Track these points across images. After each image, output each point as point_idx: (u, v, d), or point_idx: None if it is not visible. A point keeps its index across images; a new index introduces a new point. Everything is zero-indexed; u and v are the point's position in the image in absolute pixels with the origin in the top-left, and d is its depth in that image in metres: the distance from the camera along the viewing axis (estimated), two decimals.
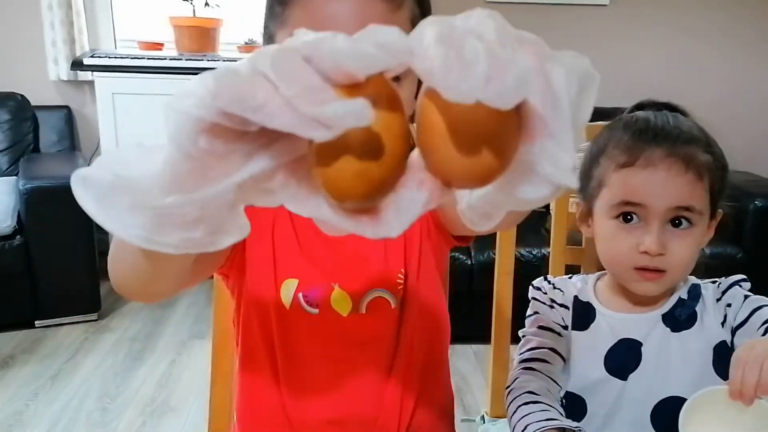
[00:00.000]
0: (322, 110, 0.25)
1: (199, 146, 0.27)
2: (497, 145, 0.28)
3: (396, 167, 0.29)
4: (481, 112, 0.26)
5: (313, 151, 0.28)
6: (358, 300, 0.61)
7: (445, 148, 0.28)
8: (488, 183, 0.29)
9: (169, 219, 0.28)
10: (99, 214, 0.28)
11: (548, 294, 0.73)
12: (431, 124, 0.28)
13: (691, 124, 0.67)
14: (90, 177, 0.29)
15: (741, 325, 0.65)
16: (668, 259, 0.64)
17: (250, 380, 0.64)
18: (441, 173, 0.29)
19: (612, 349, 0.67)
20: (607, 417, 0.67)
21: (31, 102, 2.38)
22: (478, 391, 1.70)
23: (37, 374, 1.79)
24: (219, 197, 0.28)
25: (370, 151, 0.27)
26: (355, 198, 0.28)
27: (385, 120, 0.28)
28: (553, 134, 0.27)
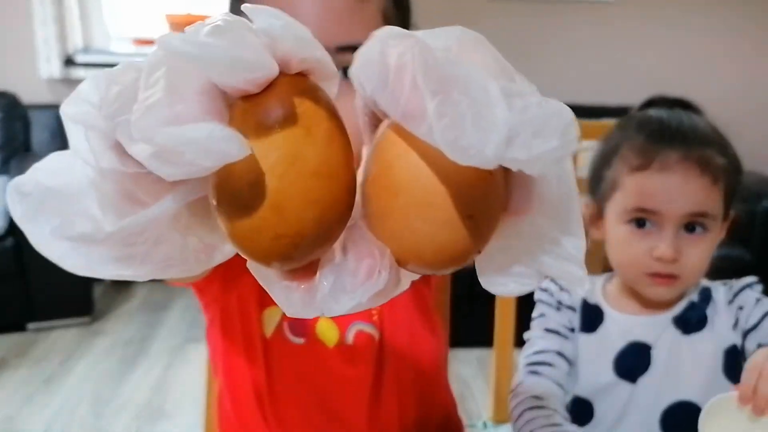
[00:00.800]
0: (150, 130, 0.19)
1: (105, 165, 0.21)
2: (483, 220, 0.21)
3: (332, 216, 0.21)
4: (472, 172, 0.20)
5: (213, 192, 0.21)
6: (344, 331, 0.59)
7: (415, 215, 0.21)
8: (458, 266, 0.22)
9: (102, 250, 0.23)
10: (27, 233, 0.24)
11: (555, 296, 0.71)
12: (406, 184, 0.21)
13: (706, 123, 0.66)
14: (20, 188, 0.24)
15: (753, 329, 0.64)
16: (682, 265, 0.63)
17: (235, 405, 0.62)
18: (405, 252, 0.22)
19: (622, 352, 0.66)
20: (615, 421, 0.66)
21: (23, 101, 2.35)
22: (481, 397, 1.69)
23: (30, 378, 1.77)
24: (147, 226, 0.22)
25: (283, 207, 0.20)
26: (276, 261, 0.21)
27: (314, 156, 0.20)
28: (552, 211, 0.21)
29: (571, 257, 0.22)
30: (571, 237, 0.22)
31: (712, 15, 2.51)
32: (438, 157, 0.20)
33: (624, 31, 2.50)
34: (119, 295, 2.34)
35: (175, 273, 0.25)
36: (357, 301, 0.22)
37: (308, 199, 0.20)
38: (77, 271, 0.24)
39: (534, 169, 0.19)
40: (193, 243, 0.25)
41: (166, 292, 2.34)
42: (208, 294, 0.60)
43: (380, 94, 0.20)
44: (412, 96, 0.19)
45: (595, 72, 2.50)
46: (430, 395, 0.66)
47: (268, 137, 0.20)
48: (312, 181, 0.20)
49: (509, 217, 0.22)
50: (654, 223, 0.63)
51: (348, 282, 0.22)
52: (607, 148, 0.68)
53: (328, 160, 0.20)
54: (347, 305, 0.22)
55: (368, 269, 0.21)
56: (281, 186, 0.20)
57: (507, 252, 0.23)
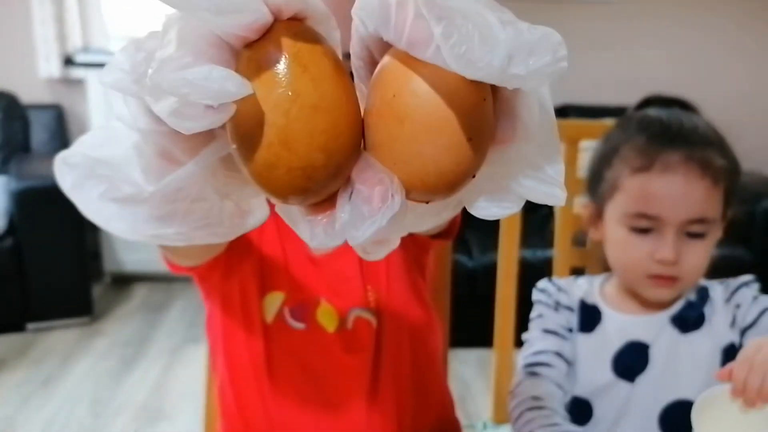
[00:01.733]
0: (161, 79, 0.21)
1: (143, 126, 0.24)
2: (479, 142, 0.23)
3: (339, 145, 0.22)
4: (471, 96, 0.22)
5: (231, 139, 0.23)
6: (344, 316, 0.60)
7: (421, 140, 0.22)
8: (457, 191, 0.24)
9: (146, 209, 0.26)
10: (76, 201, 0.27)
11: (553, 296, 0.71)
12: (411, 111, 0.22)
13: (706, 123, 0.67)
14: (69, 161, 0.27)
15: (750, 326, 0.64)
16: (682, 267, 0.63)
17: (236, 394, 0.62)
18: (412, 177, 0.23)
19: (620, 351, 0.66)
20: (614, 421, 0.66)
21: (22, 101, 2.34)
22: (481, 397, 1.69)
23: (28, 379, 1.76)
24: (186, 183, 0.25)
25: (291, 141, 0.22)
26: (293, 195, 0.23)
27: (312, 90, 0.22)
28: (534, 138, 0.24)
29: (552, 180, 0.25)
30: (552, 162, 0.24)
31: (712, 15, 2.52)
32: (441, 84, 0.22)
33: (624, 31, 2.50)
34: (118, 295, 2.34)
35: (211, 234, 0.27)
36: (377, 225, 0.23)
37: (313, 132, 0.22)
38: (122, 233, 0.27)
39: (531, 83, 0.22)
40: (229, 207, 0.28)
41: (165, 293, 2.34)
42: (210, 282, 0.60)
43: (384, 28, 0.22)
44: (416, 24, 0.21)
45: (596, 72, 2.50)
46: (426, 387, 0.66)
47: (269, 78, 0.22)
48: (314, 115, 0.22)
49: (497, 146, 0.24)
50: (655, 227, 0.63)
51: (365, 209, 0.23)
52: (607, 148, 0.68)
53: (326, 94, 0.22)
54: (369, 230, 0.23)
55: (381, 195, 0.23)
56: (287, 122, 0.22)
57: (492, 178, 0.25)
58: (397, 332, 0.62)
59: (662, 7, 2.49)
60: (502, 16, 0.21)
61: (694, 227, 0.63)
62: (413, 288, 0.64)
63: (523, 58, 0.21)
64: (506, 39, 0.21)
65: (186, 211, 0.26)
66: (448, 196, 0.24)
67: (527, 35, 0.21)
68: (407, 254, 0.63)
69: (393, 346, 0.62)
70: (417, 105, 0.22)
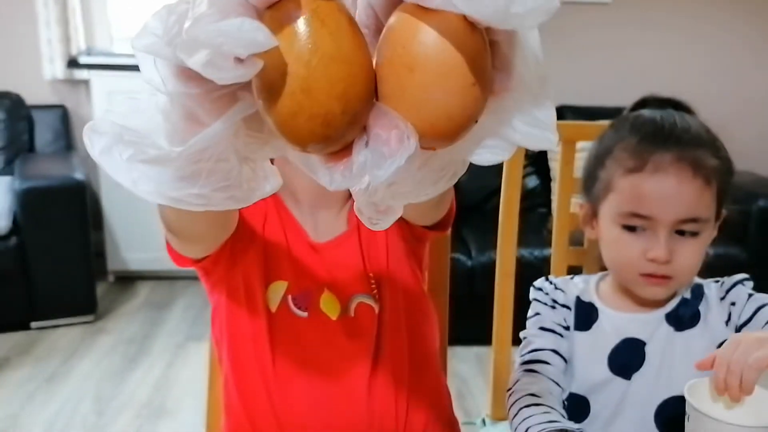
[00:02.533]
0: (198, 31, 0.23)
1: (172, 89, 0.25)
2: (483, 88, 0.25)
3: (355, 93, 0.24)
4: (473, 44, 0.24)
5: (257, 93, 0.25)
6: (346, 303, 0.61)
7: (439, 89, 0.24)
8: (462, 136, 0.26)
9: (171, 171, 0.27)
10: (105, 165, 0.28)
11: (550, 294, 0.72)
12: (421, 58, 0.24)
13: (698, 124, 0.67)
14: (98, 128, 0.28)
15: (745, 324, 0.65)
16: (675, 266, 0.64)
17: (240, 383, 0.63)
18: (423, 122, 0.25)
19: (615, 348, 0.67)
20: (610, 417, 0.67)
21: (27, 101, 2.36)
22: (479, 394, 1.69)
23: (33, 376, 1.78)
24: (211, 142, 0.26)
25: (312, 89, 0.24)
26: (314, 142, 0.25)
27: (330, 42, 0.24)
28: (529, 88, 0.26)
29: (543, 124, 0.27)
30: (544, 108, 0.27)
31: (709, 16, 2.52)
32: (447, 32, 0.24)
33: (622, 33, 2.51)
34: (122, 294, 2.35)
35: (230, 198, 0.29)
36: (396, 164, 0.25)
37: (331, 81, 0.24)
38: (148, 195, 0.28)
39: (528, 22, 0.24)
40: (247, 172, 0.30)
41: (168, 291, 2.35)
42: (214, 275, 0.61)
43: None
44: None
45: (593, 73, 2.51)
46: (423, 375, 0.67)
47: (291, 33, 0.24)
48: (332, 65, 0.24)
49: (494, 96, 0.26)
50: (647, 226, 0.64)
51: (385, 150, 0.25)
52: (601, 148, 0.69)
53: (342, 46, 0.24)
54: (389, 169, 0.26)
55: (398, 137, 0.25)
56: (307, 72, 0.24)
57: (488, 126, 0.27)
58: (397, 318, 0.63)
59: (658, 9, 2.49)
60: None
61: (686, 226, 0.63)
62: (412, 277, 0.65)
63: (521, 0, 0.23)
64: None
65: (209, 171, 0.28)
66: (453, 142, 0.26)
67: None
68: (406, 245, 0.64)
69: (392, 332, 0.63)
70: (425, 53, 0.24)
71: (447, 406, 0.72)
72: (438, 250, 0.78)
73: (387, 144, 0.25)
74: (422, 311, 0.67)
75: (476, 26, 0.24)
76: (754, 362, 0.50)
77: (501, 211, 0.86)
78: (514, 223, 0.86)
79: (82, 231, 2.02)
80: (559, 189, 0.86)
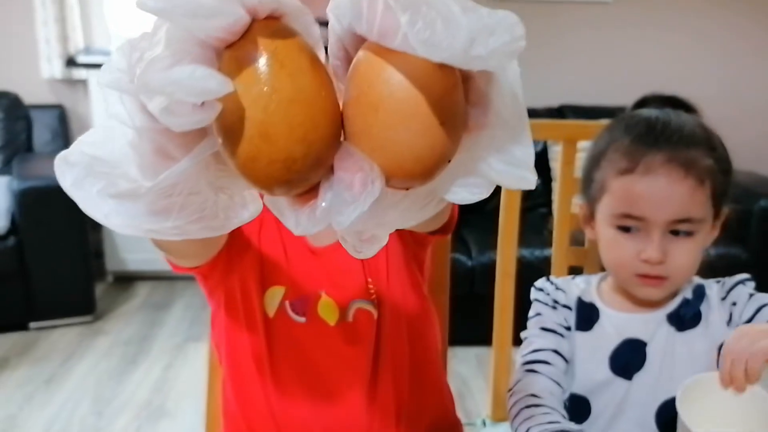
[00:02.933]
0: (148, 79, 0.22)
1: (139, 124, 0.25)
2: (453, 127, 0.24)
3: (317, 136, 0.23)
4: (440, 83, 0.23)
5: (216, 134, 0.24)
6: (344, 309, 0.60)
7: (405, 130, 0.23)
8: (434, 176, 0.25)
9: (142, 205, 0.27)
10: (76, 198, 0.28)
11: (551, 295, 0.72)
12: (385, 98, 0.23)
13: (694, 123, 0.66)
14: (69, 159, 0.28)
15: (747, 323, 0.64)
16: (670, 266, 0.64)
17: (238, 389, 0.63)
18: (390, 163, 0.24)
19: (617, 349, 0.67)
20: (611, 418, 0.67)
21: (25, 101, 2.35)
22: (480, 395, 1.69)
23: (31, 377, 1.77)
24: (181, 178, 0.26)
25: (271, 134, 0.23)
26: (276, 186, 0.24)
27: (290, 84, 0.23)
28: (507, 125, 0.25)
29: (522, 163, 0.26)
30: (523, 146, 0.26)
31: (710, 15, 2.52)
32: (411, 72, 0.23)
33: (622, 32, 2.51)
34: (121, 294, 2.35)
35: (207, 227, 0.28)
36: (359, 210, 0.24)
37: (291, 124, 0.23)
38: (121, 228, 0.28)
39: (493, 63, 0.23)
40: (223, 200, 0.29)
41: (167, 292, 2.35)
42: (212, 279, 0.61)
43: (357, 22, 0.24)
44: (385, 16, 0.23)
45: (594, 73, 2.51)
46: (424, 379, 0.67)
47: (248, 75, 0.23)
48: (291, 108, 0.23)
49: (470, 133, 0.25)
50: (641, 227, 0.64)
51: (347, 195, 0.24)
52: (596, 149, 0.69)
53: (303, 88, 0.23)
54: (351, 215, 0.24)
55: (362, 181, 0.24)
56: (265, 116, 0.23)
57: (465, 163, 0.26)
58: (397, 324, 0.63)
59: (659, 8, 2.49)
60: (464, 4, 0.23)
61: (680, 226, 0.63)
62: (412, 281, 0.65)
63: (483, 39, 0.22)
64: (468, 23, 0.22)
65: (182, 205, 0.27)
66: (425, 182, 0.25)
67: (487, 19, 0.23)
68: (406, 249, 0.64)
69: (392, 337, 0.62)
70: (389, 93, 0.23)
71: (450, 409, 0.71)
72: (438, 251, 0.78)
73: (350, 188, 0.24)
74: (423, 315, 0.66)
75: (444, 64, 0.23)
76: (758, 350, 0.51)
77: (501, 211, 0.86)
78: (515, 223, 0.86)
79: (81, 231, 2.01)
80: (560, 189, 0.85)
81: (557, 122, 1.03)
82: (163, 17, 0.23)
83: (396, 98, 0.23)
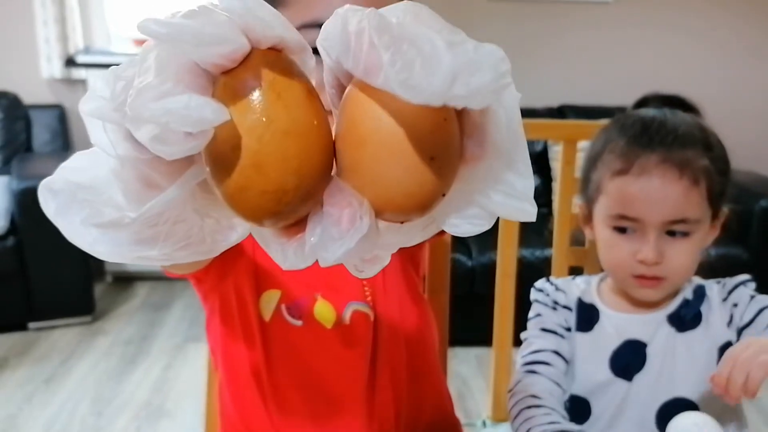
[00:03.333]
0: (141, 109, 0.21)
1: (123, 153, 0.24)
2: (444, 162, 0.23)
3: (309, 170, 0.23)
4: (429, 118, 0.22)
5: (206, 162, 0.24)
6: (341, 311, 0.60)
7: (392, 165, 0.23)
8: (428, 210, 0.24)
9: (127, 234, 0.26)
10: (60, 227, 0.27)
11: (551, 296, 0.72)
12: (371, 134, 0.23)
13: (691, 122, 0.66)
14: (53, 187, 0.27)
15: (747, 325, 0.64)
16: (666, 267, 0.64)
17: (235, 393, 0.63)
18: (379, 198, 0.24)
19: (617, 350, 0.67)
20: (612, 419, 0.67)
21: (24, 101, 2.35)
22: (480, 396, 1.69)
23: (31, 377, 1.77)
24: (166, 207, 0.25)
25: (263, 164, 0.22)
26: (264, 218, 0.23)
27: (285, 116, 0.23)
28: (505, 155, 0.24)
29: (521, 195, 0.25)
30: (521, 178, 0.25)
31: (710, 15, 2.52)
32: (397, 108, 0.23)
33: (622, 32, 2.51)
34: (120, 294, 2.35)
35: (194, 252, 0.28)
36: (345, 247, 0.24)
37: (284, 157, 0.23)
38: (106, 257, 0.27)
39: (475, 102, 0.22)
40: (210, 224, 0.28)
41: (167, 292, 2.35)
42: (206, 284, 0.60)
43: (344, 57, 0.23)
44: (370, 53, 0.22)
45: (594, 72, 2.51)
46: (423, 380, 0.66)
47: (244, 104, 0.23)
48: (286, 140, 0.23)
49: (466, 164, 0.25)
50: (636, 228, 0.64)
51: (334, 231, 0.24)
52: (593, 150, 0.69)
53: (298, 120, 0.23)
54: (337, 252, 0.24)
55: (350, 217, 0.24)
56: (259, 146, 0.22)
57: (464, 195, 0.25)
58: (394, 325, 0.63)
59: (659, 8, 2.49)
60: (452, 38, 0.22)
61: (676, 227, 0.63)
62: (408, 282, 0.65)
63: (464, 78, 0.21)
64: (449, 62, 0.21)
65: (167, 234, 0.27)
66: (420, 216, 0.25)
67: (472, 55, 0.21)
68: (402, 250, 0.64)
69: (389, 339, 0.62)
70: (376, 129, 0.23)
71: (449, 410, 0.71)
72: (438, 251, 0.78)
73: (337, 224, 0.24)
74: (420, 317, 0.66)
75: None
76: (763, 361, 0.50)
77: None
78: (515, 223, 0.86)
79: None
80: (560, 189, 0.85)
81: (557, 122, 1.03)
82: (165, 42, 0.22)
83: (382, 134, 0.23)
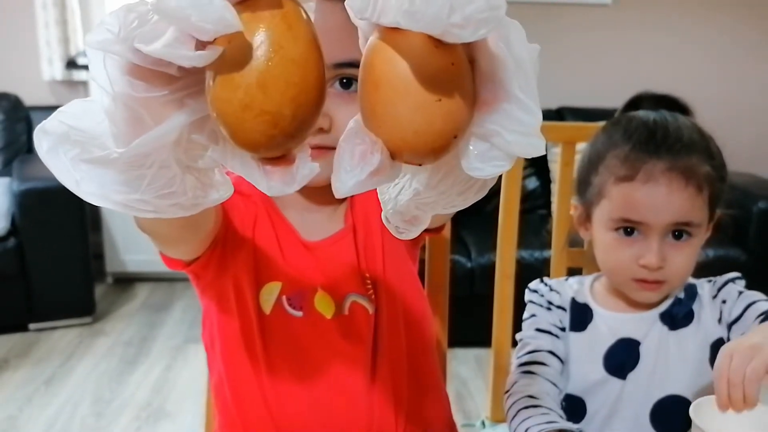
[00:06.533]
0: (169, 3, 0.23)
1: (119, 89, 0.26)
2: (452, 103, 0.25)
3: (306, 100, 0.25)
4: (436, 61, 0.25)
5: (210, 80, 0.26)
6: (340, 302, 0.61)
7: (402, 105, 0.25)
8: (443, 154, 0.27)
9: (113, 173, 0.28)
10: (50, 166, 0.28)
11: (545, 296, 0.73)
12: (384, 76, 0.25)
13: (692, 127, 0.67)
14: (46, 128, 0.29)
15: (736, 321, 0.65)
16: (668, 271, 0.64)
17: (234, 387, 0.63)
18: (393, 138, 0.26)
19: (611, 349, 0.68)
20: (606, 417, 0.67)
21: (25, 102, 2.36)
22: (479, 396, 1.69)
23: (31, 378, 1.78)
24: (154, 147, 0.27)
25: (268, 85, 0.25)
26: (256, 141, 0.25)
27: (294, 45, 0.25)
28: (515, 97, 0.26)
29: (532, 131, 0.27)
30: (529, 115, 0.27)
31: (709, 18, 2.52)
32: (408, 50, 0.25)
33: (621, 34, 2.51)
34: (120, 296, 2.35)
35: (176, 204, 0.29)
36: (356, 178, 0.27)
37: (287, 82, 0.25)
38: (92, 197, 0.29)
39: (472, 30, 0.24)
40: (191, 180, 0.30)
41: (167, 293, 2.35)
42: (204, 279, 0.61)
43: (364, 9, 0.25)
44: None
45: (593, 75, 2.51)
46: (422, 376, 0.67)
47: (259, 29, 0.25)
48: (291, 67, 0.25)
49: (483, 109, 0.27)
50: (639, 231, 0.64)
51: (346, 161, 0.27)
52: (594, 153, 0.69)
53: (304, 52, 0.25)
54: (348, 182, 0.27)
55: (362, 152, 0.27)
56: (267, 68, 0.25)
57: (483, 139, 0.27)
58: (394, 319, 0.63)
59: (658, 10, 2.50)
60: None
61: (677, 229, 0.64)
62: (408, 276, 0.65)
63: (461, 7, 0.23)
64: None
65: (152, 177, 0.28)
66: (437, 157, 0.27)
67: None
68: (401, 243, 0.64)
69: (390, 333, 0.63)
70: (387, 70, 0.25)
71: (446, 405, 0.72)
72: (438, 252, 0.78)
73: (351, 156, 0.27)
74: (419, 310, 0.67)
75: (443, 43, 0.25)
76: (751, 374, 0.50)
77: (501, 213, 0.86)
78: (514, 224, 0.86)
79: (81, 232, 2.02)
80: (559, 190, 0.86)
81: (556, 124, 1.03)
82: None
83: (392, 75, 0.25)
